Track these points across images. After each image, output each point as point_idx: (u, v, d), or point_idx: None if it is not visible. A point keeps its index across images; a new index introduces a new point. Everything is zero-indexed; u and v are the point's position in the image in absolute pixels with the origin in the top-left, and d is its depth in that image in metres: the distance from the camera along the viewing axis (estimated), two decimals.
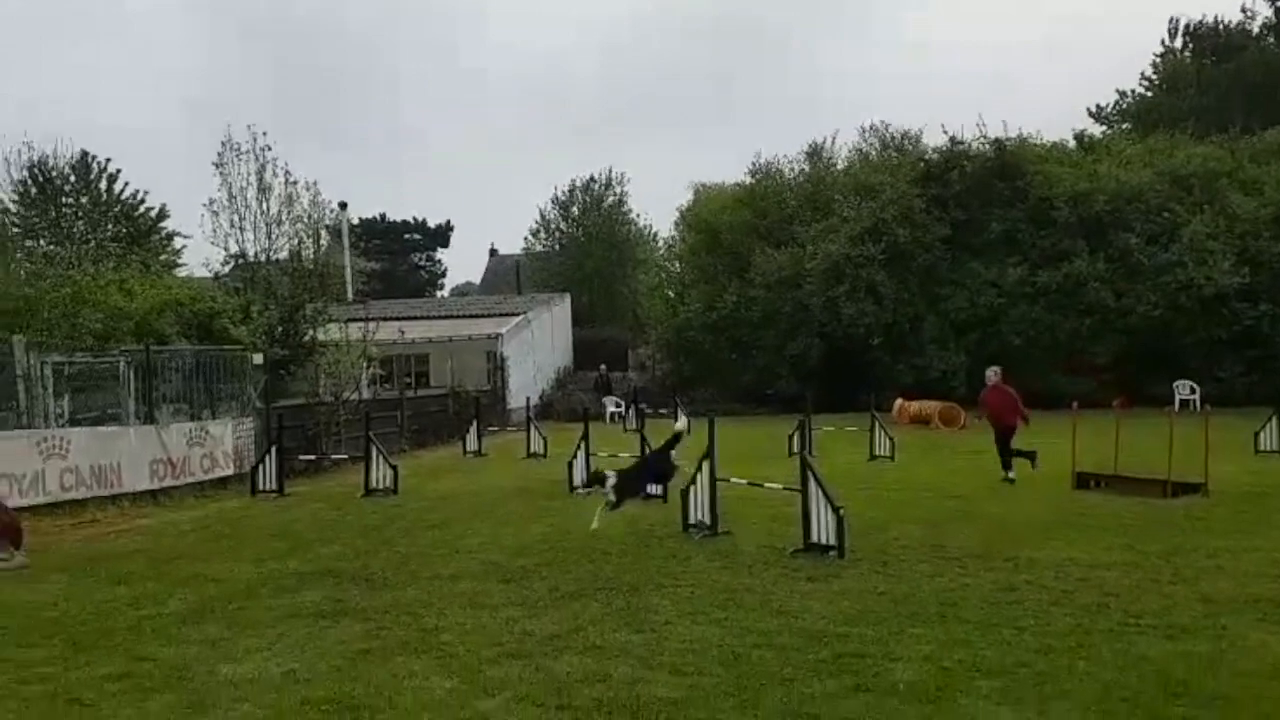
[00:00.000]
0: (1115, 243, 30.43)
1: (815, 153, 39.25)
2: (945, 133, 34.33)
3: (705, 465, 10.40)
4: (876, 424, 18.34)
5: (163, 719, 5.18)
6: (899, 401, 27.14)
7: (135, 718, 5.20)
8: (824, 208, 34.59)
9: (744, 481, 11.23)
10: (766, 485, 10.92)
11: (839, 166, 38.42)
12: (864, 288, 31.84)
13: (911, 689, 5.35)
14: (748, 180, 38.94)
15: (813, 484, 9.20)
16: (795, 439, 17.17)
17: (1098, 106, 50.15)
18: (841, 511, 8.98)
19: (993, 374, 15.43)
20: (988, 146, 33.26)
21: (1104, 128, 46.15)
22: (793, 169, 38.67)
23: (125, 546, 11.26)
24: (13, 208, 35.86)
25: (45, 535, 11.85)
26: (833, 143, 39.39)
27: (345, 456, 18.93)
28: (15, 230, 34.19)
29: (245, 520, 13.27)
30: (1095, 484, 13.19)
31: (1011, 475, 14.31)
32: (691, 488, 10.61)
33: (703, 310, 35.37)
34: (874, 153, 37.89)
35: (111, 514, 13.82)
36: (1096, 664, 5.74)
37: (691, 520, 10.57)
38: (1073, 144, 36.73)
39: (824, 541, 9.07)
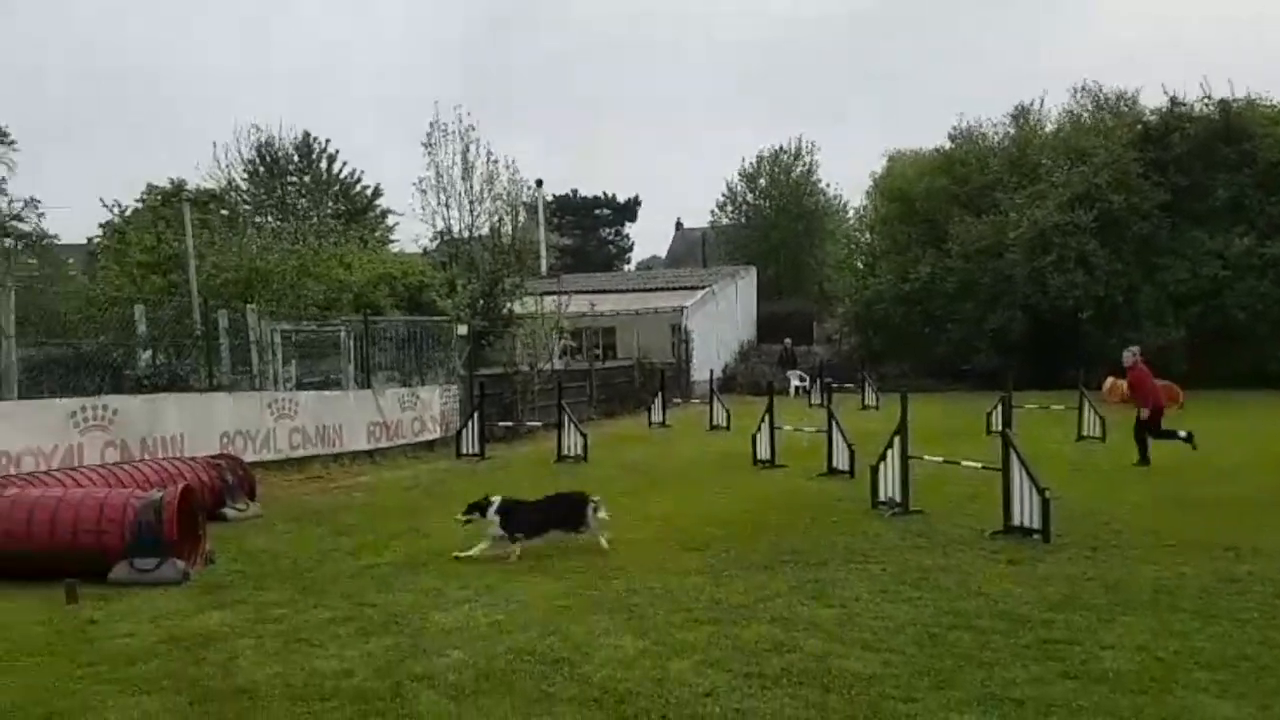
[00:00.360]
0: None
1: (1021, 115, 37.17)
2: (1165, 93, 31.92)
3: (896, 441, 10.18)
4: (1085, 402, 17.37)
5: (383, 660, 5.58)
6: (1110, 379, 25.52)
7: (358, 658, 5.62)
8: (1030, 173, 32.83)
9: (938, 459, 10.91)
10: (963, 463, 10.57)
11: (1047, 129, 36.28)
12: (1073, 258, 30.08)
13: (1122, 678, 5.10)
14: (946, 145, 37.41)
15: (1015, 463, 8.84)
16: (995, 416, 16.51)
17: None
18: (1047, 493, 8.58)
19: (1130, 355, 14.89)
20: (1212, 108, 30.63)
21: None
22: (996, 133, 36.85)
23: (346, 501, 12.17)
24: (243, 185, 39.10)
25: (275, 489, 12.96)
26: (1041, 104, 37.22)
27: (539, 424, 19.67)
28: (245, 207, 37.28)
29: (451, 480, 14.04)
30: None
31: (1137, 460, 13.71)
32: (882, 464, 10.41)
33: (895, 282, 34.39)
34: (1086, 115, 35.48)
35: (333, 471, 14.97)
36: None
37: (882, 497, 10.38)
38: None
39: (1027, 524, 8.71)
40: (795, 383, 31.87)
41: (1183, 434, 14.11)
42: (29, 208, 37.57)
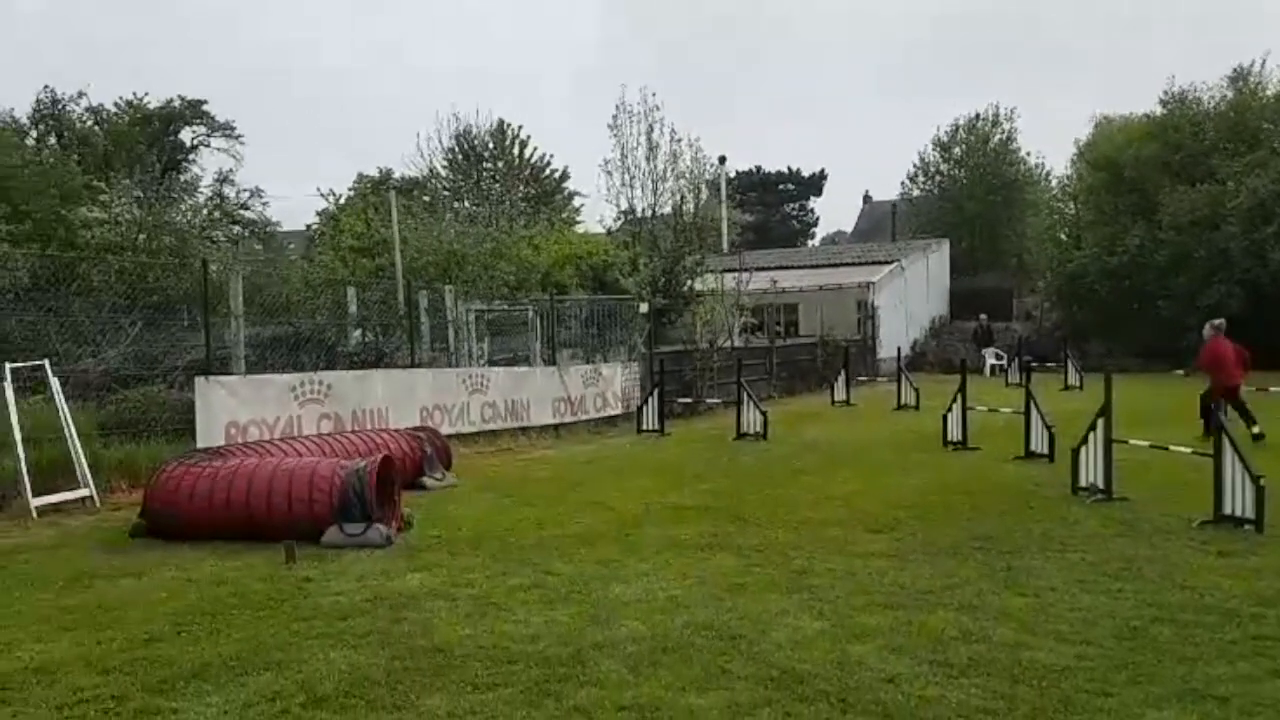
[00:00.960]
0: None
1: (1240, 77, 34.01)
2: None
3: (1100, 424, 9.62)
4: None
5: (567, 627, 5.80)
6: None
7: (543, 624, 5.86)
8: (1250, 139, 30.10)
9: (1145, 443, 10.24)
10: (1171, 448, 9.89)
11: (1269, 93, 33.06)
12: None
13: None
14: (1158, 111, 34.74)
15: (1228, 448, 8.20)
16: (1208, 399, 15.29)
17: None
18: (1262, 481, 7.92)
19: (1210, 328, 14.79)
20: None
21: None
22: (1213, 97, 33.90)
23: (533, 473, 12.66)
24: (443, 172, 41.02)
25: (468, 460, 13.63)
26: (1263, 65, 33.93)
27: (719, 401, 19.76)
28: (445, 192, 39.11)
29: (632, 456, 14.36)
30: None
31: (1256, 430, 13.60)
32: (1083, 448, 9.87)
33: (1101, 255, 32.32)
34: None
35: (521, 444, 15.60)
36: None
37: (1083, 482, 9.85)
38: None
39: (1239, 514, 8.08)
40: (991, 361, 30.60)
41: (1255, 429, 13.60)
42: (254, 197, 40.92)
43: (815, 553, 7.66)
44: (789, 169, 71.14)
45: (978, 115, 49.84)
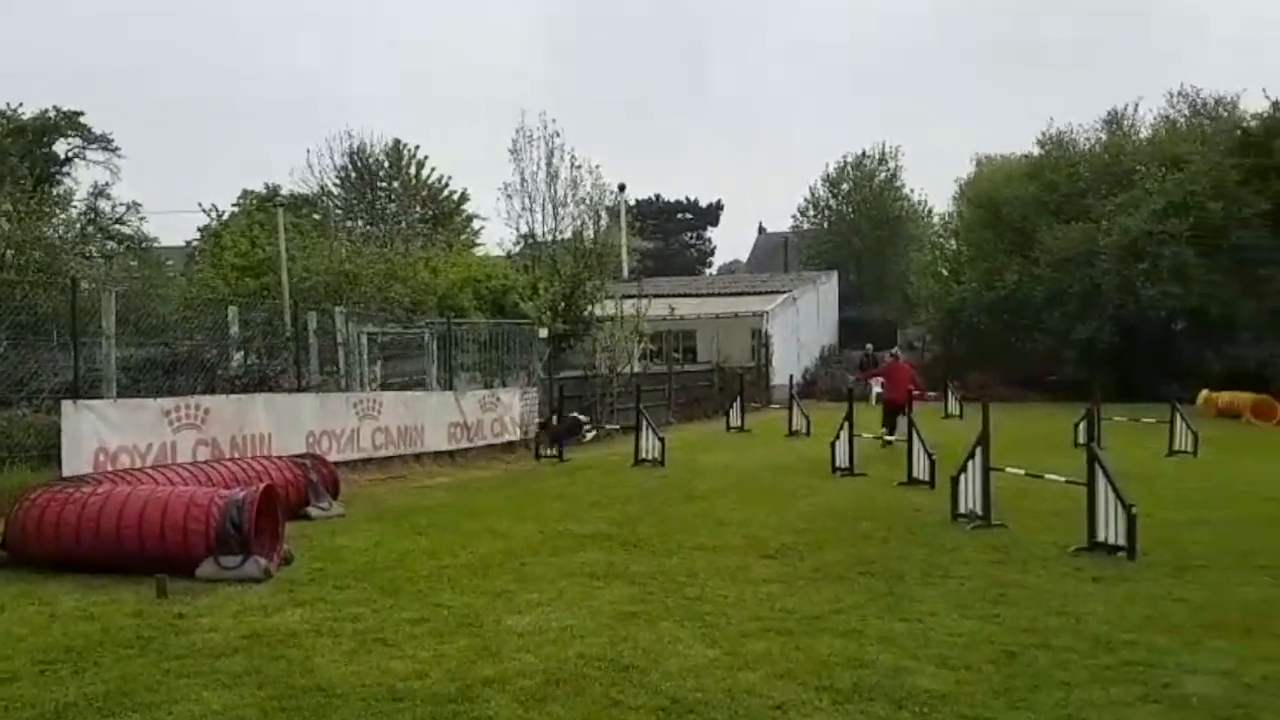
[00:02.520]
0: None
1: (1114, 121, 36.14)
2: (1267, 97, 30.57)
3: (978, 452, 9.97)
4: (1177, 416, 16.76)
5: (457, 661, 5.67)
6: (1204, 392, 24.63)
7: (431, 659, 5.70)
8: (1123, 180, 31.87)
9: (1021, 471, 10.65)
10: (1047, 476, 10.30)
11: (1141, 135, 35.18)
12: (1167, 267, 29.06)
13: (1207, 704, 4.91)
14: (1036, 152, 36.55)
15: (1100, 477, 8.58)
16: (1082, 429, 16.05)
17: None
18: (1134, 509, 8.31)
19: (889, 356, 18.97)
20: None
21: None
22: (1088, 139, 35.86)
23: (425, 501, 12.40)
24: (335, 191, 40.20)
25: (358, 488, 13.27)
26: (1135, 110, 36.14)
27: (618, 427, 19.77)
28: (337, 211, 38.32)
29: (528, 482, 14.22)
30: None
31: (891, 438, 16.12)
32: (963, 475, 10.20)
33: (980, 289, 33.70)
34: (1183, 120, 34.33)
35: (415, 471, 15.27)
36: None
37: (962, 509, 10.17)
38: None
39: (1112, 541, 8.44)
40: (877, 389, 31.42)
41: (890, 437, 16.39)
42: (131, 212, 39.33)
43: (709, 579, 7.70)
44: (687, 199, 72.26)
45: (864, 153, 51.65)
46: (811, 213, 54.20)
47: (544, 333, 19.50)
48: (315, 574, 8.05)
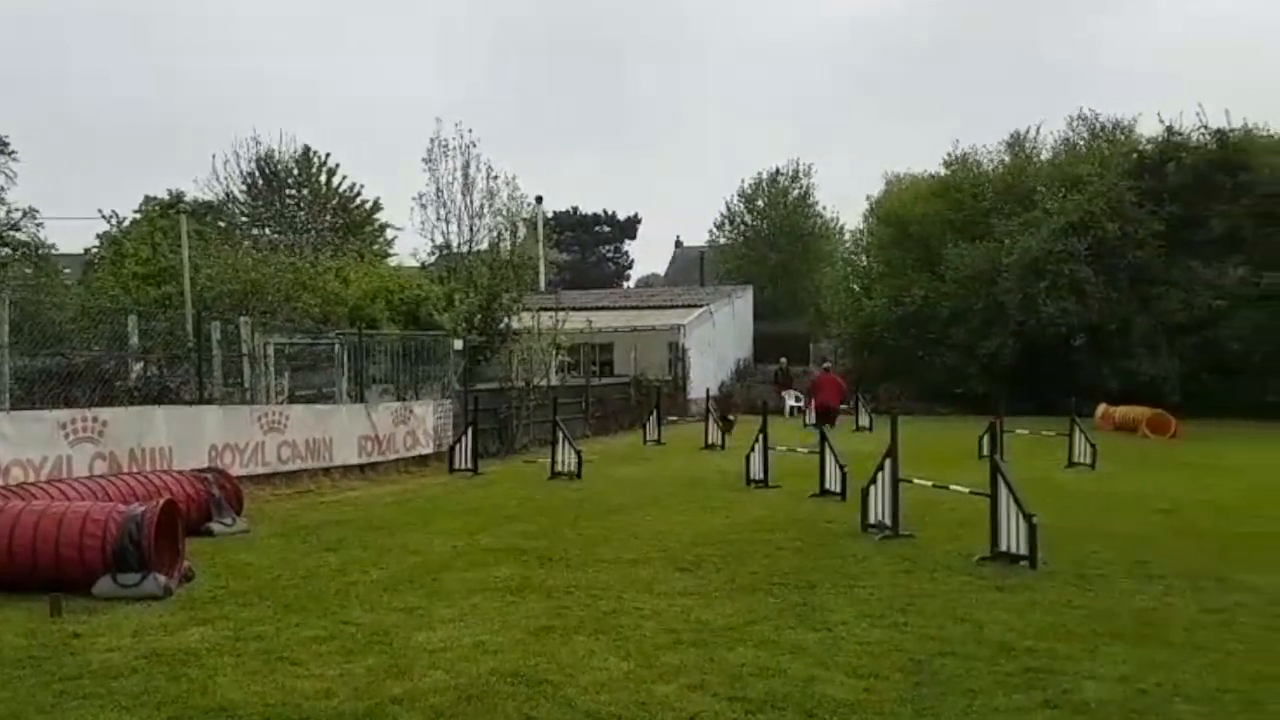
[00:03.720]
0: None
1: (1016, 143, 37.51)
2: (1161, 122, 32.08)
3: (887, 464, 10.18)
4: (1076, 429, 17.38)
5: (364, 680, 5.54)
6: (1102, 406, 25.62)
7: (338, 678, 5.57)
8: (1024, 200, 33.02)
9: (928, 483, 10.91)
10: (952, 488, 10.56)
11: (1043, 157, 36.56)
12: (1066, 285, 30.19)
13: (1104, 709, 5.08)
14: (942, 171, 37.65)
15: (1003, 489, 8.84)
16: (985, 441, 16.52)
17: None
18: (1034, 519, 8.58)
19: (822, 368, 22.39)
20: (1209, 137, 30.78)
21: None
22: (991, 160, 37.12)
23: (335, 516, 12.12)
24: (241, 197, 39.15)
25: (264, 503, 12.92)
26: (1037, 132, 37.57)
27: (530, 439, 19.65)
28: (243, 219, 37.33)
29: (442, 496, 14.02)
30: None
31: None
32: (872, 487, 10.41)
33: (889, 305, 34.51)
34: (1082, 143, 35.79)
35: (323, 485, 14.91)
36: None
37: (871, 520, 10.37)
38: None
39: (1014, 550, 8.70)
40: (791, 403, 31.89)
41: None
42: (27, 217, 37.60)
43: (624, 592, 7.70)
44: (605, 212, 72.45)
45: (778, 170, 52.51)
46: (728, 228, 54.87)
47: (459, 344, 19.27)
48: (217, 591, 7.81)
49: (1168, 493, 13.75)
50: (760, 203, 52.71)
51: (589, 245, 70.82)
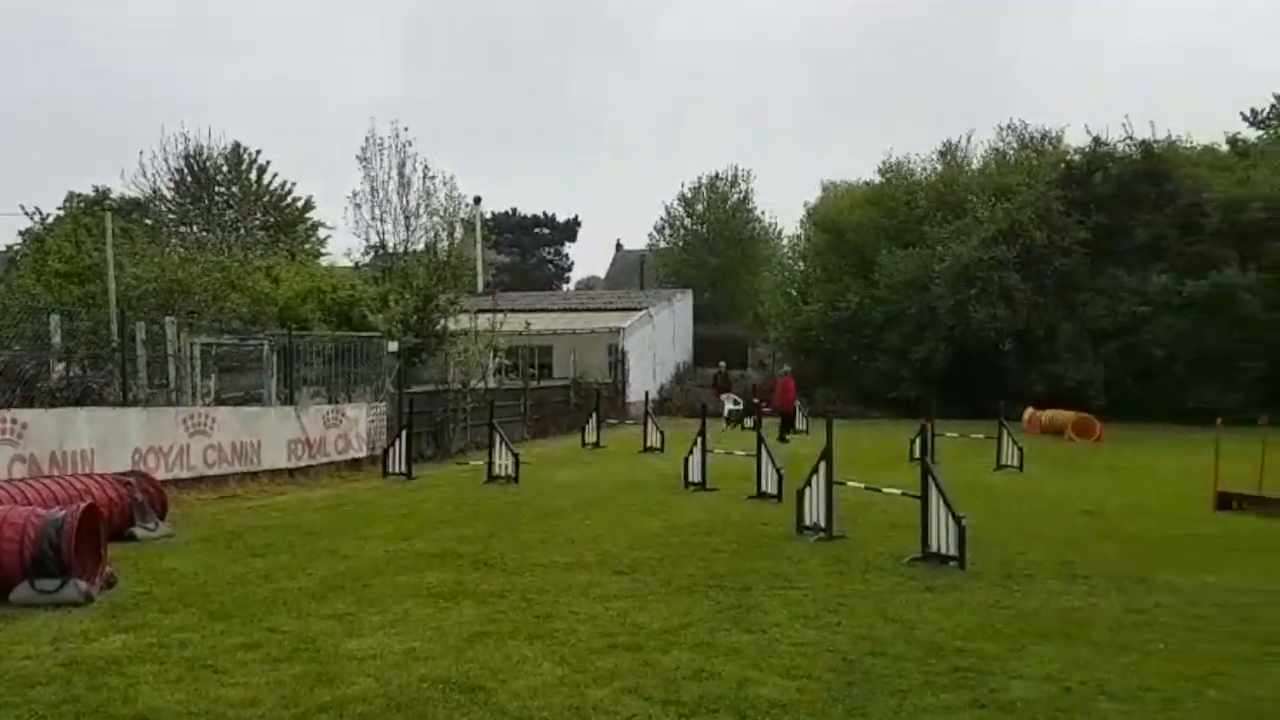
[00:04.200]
0: (1269, 252, 28.56)
1: (949, 152, 38.30)
2: (1088, 133, 33.02)
3: (822, 467, 10.29)
4: (1004, 432, 17.76)
5: (291, 688, 5.42)
6: (1029, 410, 26.22)
7: (264, 686, 5.44)
8: (956, 208, 33.70)
9: (862, 485, 11.05)
10: (885, 490, 10.72)
11: (973, 166, 37.39)
12: (996, 291, 30.87)
13: (1030, 707, 5.18)
14: (877, 179, 38.27)
15: (933, 491, 8.98)
16: (917, 444, 16.80)
17: (1253, 111, 47.14)
18: (963, 521, 8.74)
19: (782, 373, 24.94)
20: (1133, 148, 31.76)
21: (1260, 132, 43.37)
22: (924, 168, 37.82)
23: (263, 521, 11.85)
24: (169, 195, 38.14)
25: (189, 507, 12.58)
26: (967, 142, 38.41)
27: (467, 442, 19.47)
28: (170, 216, 36.38)
29: (375, 501, 13.80)
30: (1238, 505, 12.47)
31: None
32: (808, 489, 10.51)
33: (825, 310, 34.95)
34: (1011, 153, 36.70)
35: (251, 490, 14.58)
36: (1229, 692, 5.44)
37: (807, 522, 10.47)
38: (1225, 148, 34.61)
39: (944, 551, 8.85)
40: (729, 406, 32.08)
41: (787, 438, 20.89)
42: None
43: (560, 596, 7.65)
44: (545, 214, 72.24)
45: (718, 175, 52.90)
46: (668, 231, 55.12)
47: (393, 346, 19.00)
48: (140, 598, 7.58)
49: (1092, 495, 14.12)
50: (700, 207, 53.06)
51: (528, 247, 70.56)
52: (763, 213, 53.47)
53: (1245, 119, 46.46)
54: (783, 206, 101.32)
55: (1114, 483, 15.69)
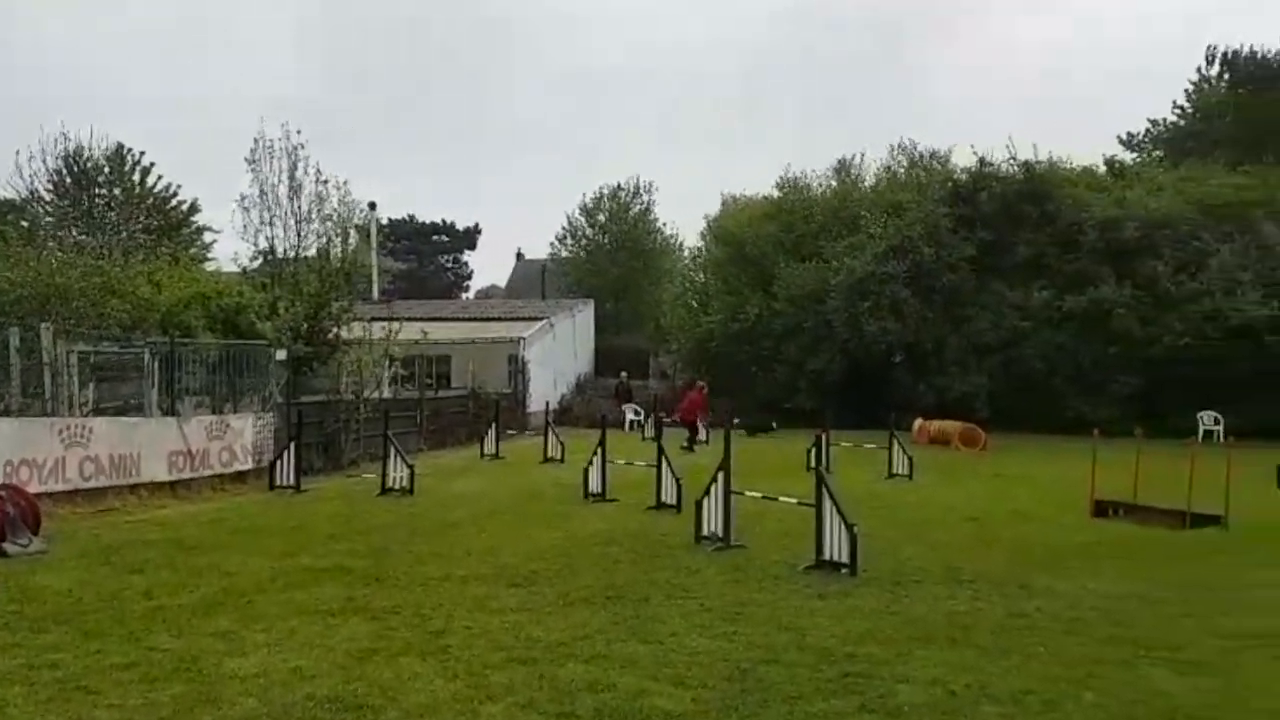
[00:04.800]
0: (1143, 270, 30.05)
1: (844, 169, 39.25)
2: (974, 154, 34.19)
3: (720, 477, 10.38)
4: (895, 442, 18.24)
5: (170, 709, 5.20)
6: (919, 421, 27.00)
7: (141, 708, 5.21)
8: (851, 224, 34.50)
9: (759, 494, 11.20)
10: (781, 499, 10.88)
11: (867, 183, 38.38)
12: (887, 305, 31.70)
13: (916, 711, 5.31)
14: (776, 194, 38.95)
15: (827, 500, 9.16)
16: (813, 454, 17.11)
17: (1128, 134, 49.78)
18: (855, 529, 8.93)
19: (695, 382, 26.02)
20: (1017, 169, 33.05)
21: (1135, 155, 45.78)
22: (821, 184, 38.67)
23: (142, 536, 11.35)
24: (46, 196, 36.31)
25: (64, 522, 11.98)
26: (861, 159, 39.44)
27: (360, 454, 19.02)
28: (48, 219, 34.62)
29: (261, 515, 13.36)
30: (1114, 512, 13.07)
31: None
32: (706, 499, 10.59)
33: (725, 321, 35.35)
34: (902, 171, 37.80)
35: (130, 503, 13.95)
36: (1105, 695, 5.68)
37: (705, 532, 10.55)
38: (1103, 170, 36.37)
39: (836, 559, 9.03)
40: (630, 416, 32.16)
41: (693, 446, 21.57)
42: None
43: (454, 611, 7.53)
44: (444, 221, 71.28)
45: (619, 185, 53.09)
46: (570, 241, 55.01)
47: (282, 355, 18.41)
48: (9, 616, 7.20)
49: (977, 503, 14.60)
50: (602, 217, 53.13)
51: (426, 254, 69.52)
52: (664, 224, 53.94)
53: (1122, 142, 49.08)
54: (684, 218, 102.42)
55: (998, 491, 16.26)
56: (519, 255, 64.03)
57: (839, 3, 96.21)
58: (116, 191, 38.11)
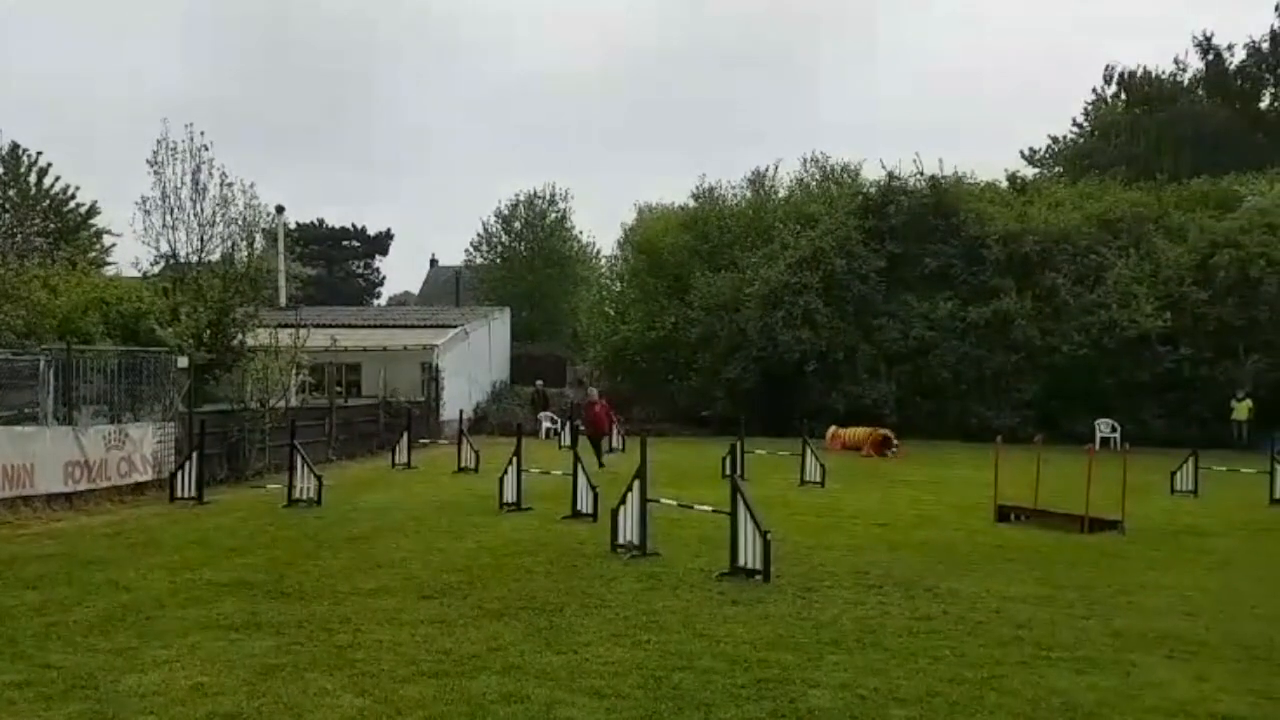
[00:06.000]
0: (1042, 282, 31.13)
1: (758, 180, 39.78)
2: (884, 168, 35.00)
3: (636, 485, 10.40)
4: (808, 450, 18.51)
5: None
6: (832, 428, 27.47)
7: None
8: (764, 234, 34.98)
9: (674, 503, 11.25)
10: (696, 507, 10.95)
11: (780, 195, 38.96)
12: (800, 315, 32.20)
13: (827, 715, 5.39)
14: (691, 204, 39.28)
15: (741, 507, 9.25)
16: (727, 462, 17.25)
17: (1030, 150, 51.68)
18: (768, 536, 9.03)
19: (594, 392, 23.92)
20: (924, 183, 33.94)
21: (1036, 170, 47.50)
22: (735, 195, 39.12)
23: (36, 550, 10.87)
24: None
25: None
26: (775, 171, 40.01)
27: (265, 464, 18.53)
28: None
29: (161, 527, 12.89)
30: (1016, 517, 13.47)
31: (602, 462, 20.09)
32: (621, 508, 10.59)
33: (642, 330, 35.48)
34: (814, 183, 38.50)
35: (23, 516, 13.36)
36: (1007, 695, 5.85)
37: (620, 540, 10.55)
38: (1005, 185, 37.63)
39: (750, 565, 9.12)
40: (546, 424, 32.00)
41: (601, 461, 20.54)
42: None
43: (362, 624, 7.38)
44: (355, 226, 70.07)
45: (535, 192, 52.90)
46: (485, 248, 54.51)
47: (184, 362, 17.81)
48: None
49: (886, 508, 14.91)
50: (518, 224, 52.79)
51: (337, 260, 68.22)
52: (581, 232, 53.88)
53: (1024, 157, 50.92)
54: (600, 226, 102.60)
55: (905, 496, 16.62)
56: (433, 262, 63.28)
57: (752, 8, 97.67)
58: (11, 193, 36.56)
